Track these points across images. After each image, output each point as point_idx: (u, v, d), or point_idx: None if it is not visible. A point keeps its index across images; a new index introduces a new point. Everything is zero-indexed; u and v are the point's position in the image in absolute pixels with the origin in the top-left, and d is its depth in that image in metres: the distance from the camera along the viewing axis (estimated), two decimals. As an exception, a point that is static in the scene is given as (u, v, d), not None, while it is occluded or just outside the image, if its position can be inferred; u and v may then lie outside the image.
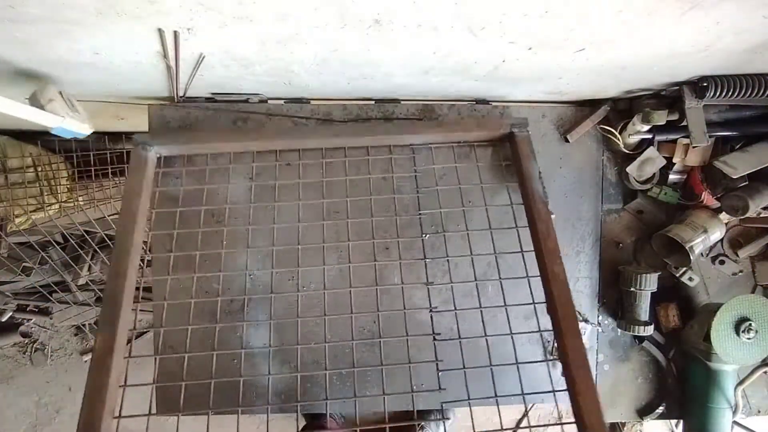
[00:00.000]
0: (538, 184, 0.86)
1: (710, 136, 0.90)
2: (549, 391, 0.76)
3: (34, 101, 0.71)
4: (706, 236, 0.94)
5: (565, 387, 0.72)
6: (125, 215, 0.80)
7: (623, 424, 1.95)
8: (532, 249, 0.82)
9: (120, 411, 0.71)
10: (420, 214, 0.91)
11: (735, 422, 0.99)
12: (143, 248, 0.82)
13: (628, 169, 0.97)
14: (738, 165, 0.88)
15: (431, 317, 0.84)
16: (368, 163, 0.92)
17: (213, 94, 0.92)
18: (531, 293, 0.82)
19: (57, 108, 0.72)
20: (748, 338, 0.92)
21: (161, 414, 0.82)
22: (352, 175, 0.91)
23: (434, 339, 0.82)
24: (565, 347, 0.73)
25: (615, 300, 1.02)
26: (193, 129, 0.92)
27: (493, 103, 0.96)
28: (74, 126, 0.76)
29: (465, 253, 0.87)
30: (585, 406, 0.69)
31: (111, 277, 0.75)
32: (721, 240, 1.01)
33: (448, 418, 1.71)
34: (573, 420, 0.70)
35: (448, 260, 0.90)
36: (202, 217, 0.88)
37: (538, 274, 0.81)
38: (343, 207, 0.90)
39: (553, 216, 0.85)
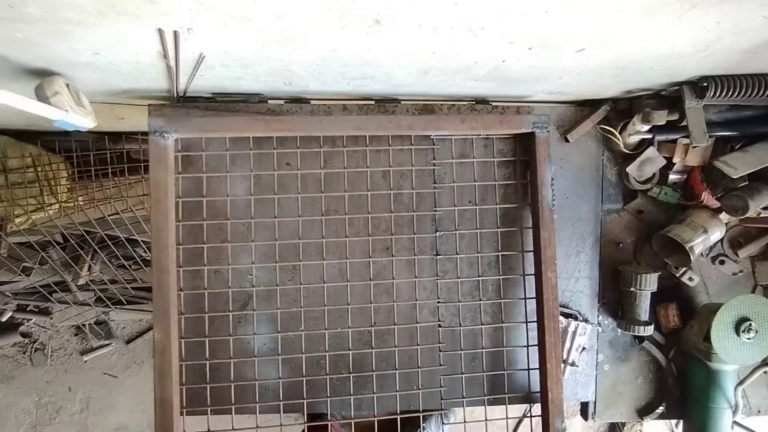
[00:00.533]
0: (549, 191, 0.88)
1: (710, 136, 0.90)
2: (525, 369, 0.94)
3: (40, 93, 0.69)
4: (706, 236, 0.94)
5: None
6: (157, 211, 0.81)
7: (623, 424, 1.95)
8: (531, 250, 0.91)
9: (183, 378, 0.87)
10: (435, 211, 0.93)
11: (735, 422, 0.99)
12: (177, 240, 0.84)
13: (628, 169, 0.97)
14: (738, 165, 0.88)
15: (438, 308, 0.95)
16: (389, 153, 0.92)
17: (213, 94, 0.92)
18: (524, 291, 0.94)
19: (62, 101, 0.70)
20: (748, 338, 0.92)
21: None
22: (363, 167, 0.92)
23: (439, 326, 0.95)
24: (544, 341, 0.89)
25: (615, 300, 1.02)
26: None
27: (494, 103, 0.96)
28: (77, 120, 0.73)
29: (469, 249, 0.95)
30: (551, 386, 0.89)
31: (156, 272, 0.82)
32: (721, 240, 1.01)
33: (445, 410, 1.71)
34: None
35: (457, 258, 0.94)
36: (229, 208, 0.89)
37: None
38: (356, 202, 0.92)
39: (555, 217, 0.91)
